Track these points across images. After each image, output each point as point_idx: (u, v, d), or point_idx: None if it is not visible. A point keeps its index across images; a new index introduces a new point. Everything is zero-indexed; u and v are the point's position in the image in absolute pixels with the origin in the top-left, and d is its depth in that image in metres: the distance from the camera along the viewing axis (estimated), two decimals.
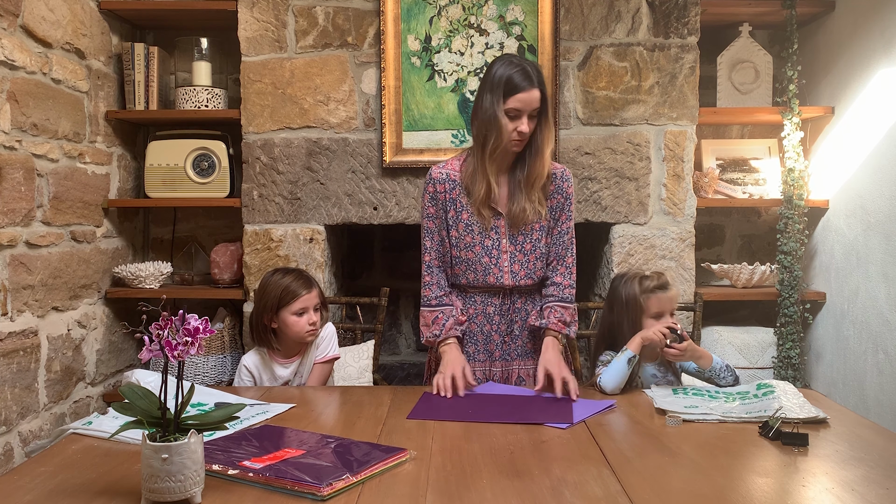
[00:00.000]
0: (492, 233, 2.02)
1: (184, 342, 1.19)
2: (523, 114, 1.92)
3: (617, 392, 1.91)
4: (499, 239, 2.02)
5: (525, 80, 1.91)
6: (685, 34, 2.75)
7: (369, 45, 2.75)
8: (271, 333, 2.17)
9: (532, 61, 2.02)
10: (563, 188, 2.07)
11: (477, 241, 2.02)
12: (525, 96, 1.91)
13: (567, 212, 2.08)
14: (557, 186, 2.06)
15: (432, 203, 2.06)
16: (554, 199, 2.06)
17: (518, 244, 2.02)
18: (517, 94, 1.91)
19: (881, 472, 1.35)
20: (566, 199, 2.07)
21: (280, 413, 1.73)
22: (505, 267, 2.02)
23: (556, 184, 2.06)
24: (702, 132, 3.06)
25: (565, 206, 2.07)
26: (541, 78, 1.95)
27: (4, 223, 2.17)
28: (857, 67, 2.67)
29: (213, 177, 2.86)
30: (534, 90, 1.92)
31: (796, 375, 2.78)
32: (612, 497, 1.22)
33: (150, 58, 2.86)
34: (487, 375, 2.08)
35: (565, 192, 2.07)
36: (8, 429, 2.18)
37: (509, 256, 2.02)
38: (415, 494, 1.24)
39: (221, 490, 1.25)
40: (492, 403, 1.82)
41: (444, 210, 2.05)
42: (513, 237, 2.02)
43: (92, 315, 2.69)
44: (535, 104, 1.93)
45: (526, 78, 1.92)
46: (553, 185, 2.06)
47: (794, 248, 2.81)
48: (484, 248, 2.02)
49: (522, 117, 1.92)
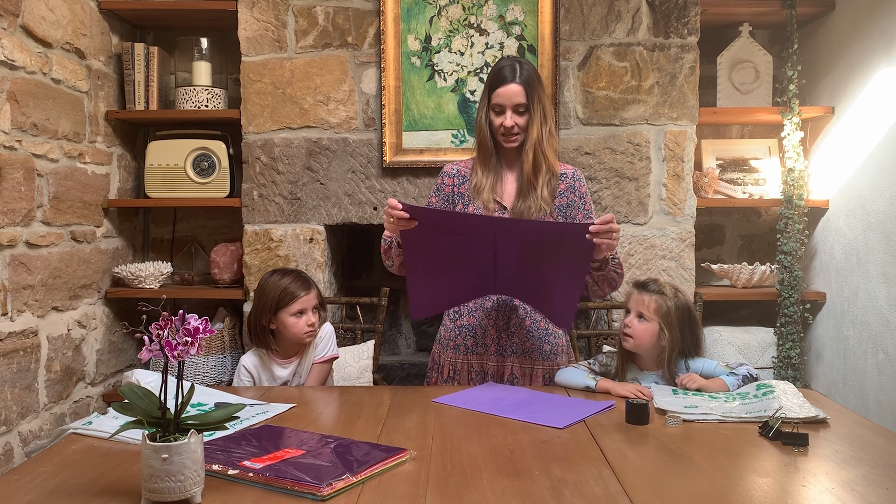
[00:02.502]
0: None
1: (184, 342, 1.19)
2: (506, 108, 1.98)
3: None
4: None
5: (507, 75, 1.97)
6: (685, 34, 2.75)
7: (369, 45, 2.75)
8: (269, 334, 2.17)
9: (527, 61, 2.04)
10: (576, 187, 2.07)
11: None
12: (504, 90, 1.96)
13: (583, 210, 2.08)
14: (568, 185, 2.07)
15: (435, 194, 2.15)
16: (564, 197, 2.06)
17: None
18: (498, 88, 1.98)
19: (881, 472, 1.35)
20: (580, 198, 2.07)
21: (280, 413, 1.73)
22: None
23: (568, 183, 2.07)
24: (702, 132, 3.06)
25: (580, 206, 2.07)
26: (528, 75, 1.98)
27: (4, 223, 2.17)
28: (857, 67, 2.67)
29: (213, 177, 2.86)
30: (513, 84, 1.96)
31: (796, 375, 2.78)
32: (612, 497, 1.22)
33: (150, 58, 2.86)
34: (483, 369, 2.10)
35: (578, 191, 2.07)
36: (8, 429, 2.18)
37: None
38: (415, 494, 1.24)
39: (221, 490, 1.25)
40: (511, 262, 1.86)
41: (452, 203, 2.11)
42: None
43: (92, 315, 2.69)
44: (518, 99, 1.96)
45: (509, 73, 1.97)
46: (563, 183, 2.06)
47: (794, 248, 2.81)
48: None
49: (506, 112, 1.98)
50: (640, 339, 1.93)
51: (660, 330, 1.92)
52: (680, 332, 1.94)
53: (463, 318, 2.12)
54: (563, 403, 1.81)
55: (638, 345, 1.94)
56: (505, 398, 1.85)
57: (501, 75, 1.98)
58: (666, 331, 1.92)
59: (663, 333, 1.92)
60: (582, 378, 1.95)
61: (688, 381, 1.88)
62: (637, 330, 1.93)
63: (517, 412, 1.72)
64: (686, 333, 1.95)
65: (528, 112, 1.99)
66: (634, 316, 1.95)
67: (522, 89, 1.96)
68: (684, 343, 1.95)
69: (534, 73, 2.01)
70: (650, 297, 1.94)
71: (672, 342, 1.92)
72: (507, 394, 1.90)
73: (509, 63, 1.99)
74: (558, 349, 2.13)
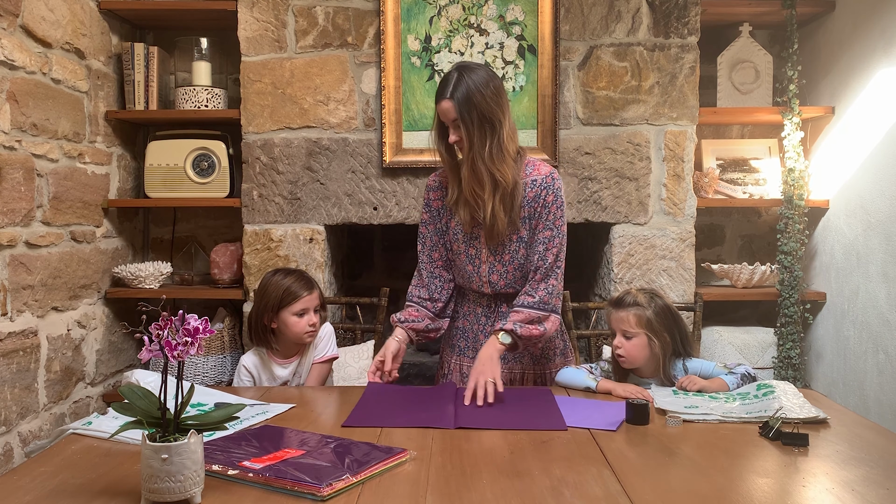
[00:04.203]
0: (475, 241, 2.01)
1: (184, 342, 1.19)
2: (447, 122, 1.91)
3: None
4: (480, 248, 2.01)
5: (440, 91, 1.89)
6: (685, 34, 2.74)
7: (369, 45, 2.75)
8: (270, 333, 2.17)
9: (475, 68, 1.90)
10: (542, 197, 1.96)
11: (462, 249, 2.03)
12: (439, 107, 1.90)
13: (545, 221, 1.97)
14: (535, 195, 1.97)
15: (426, 209, 2.10)
16: (530, 207, 1.97)
17: (497, 254, 2.00)
18: (436, 104, 1.91)
19: (881, 472, 1.35)
20: (544, 207, 1.96)
21: (280, 413, 1.73)
22: (484, 277, 2.02)
23: (535, 191, 1.97)
24: (702, 132, 3.06)
25: (542, 215, 1.97)
26: (464, 89, 1.85)
27: (4, 223, 2.17)
28: (857, 67, 2.67)
29: (213, 177, 2.86)
30: (444, 101, 1.88)
31: (796, 375, 2.78)
32: (612, 497, 1.22)
33: (150, 58, 2.86)
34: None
35: (543, 200, 1.96)
36: (8, 429, 2.18)
37: (488, 267, 2.01)
38: (415, 494, 1.23)
39: (221, 490, 1.25)
40: (473, 407, 1.76)
41: (440, 216, 2.07)
42: (492, 247, 2.00)
43: (92, 315, 2.69)
44: (451, 115, 1.88)
45: (443, 88, 1.89)
46: (532, 192, 1.97)
47: (794, 248, 2.81)
48: (468, 256, 2.03)
49: (449, 126, 1.91)
50: (633, 356, 1.95)
51: (648, 340, 1.94)
52: (668, 334, 1.96)
53: (459, 319, 2.12)
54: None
55: (633, 362, 1.96)
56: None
57: (438, 90, 1.90)
58: (654, 338, 1.94)
59: (653, 342, 1.94)
60: (582, 378, 1.95)
61: (688, 383, 1.88)
62: (627, 348, 1.95)
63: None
64: (674, 333, 1.97)
65: (463, 125, 1.88)
66: (621, 336, 1.97)
67: (453, 105, 1.86)
68: (675, 343, 1.97)
69: (474, 86, 1.86)
70: (627, 312, 1.96)
71: (663, 347, 1.95)
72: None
73: (448, 77, 1.89)
74: (550, 353, 2.11)
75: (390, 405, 1.79)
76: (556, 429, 1.60)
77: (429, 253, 2.09)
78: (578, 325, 2.70)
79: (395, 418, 1.68)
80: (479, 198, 1.94)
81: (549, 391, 1.91)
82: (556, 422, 1.64)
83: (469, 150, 1.89)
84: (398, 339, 2.00)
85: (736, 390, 1.87)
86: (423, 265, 2.10)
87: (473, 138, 1.88)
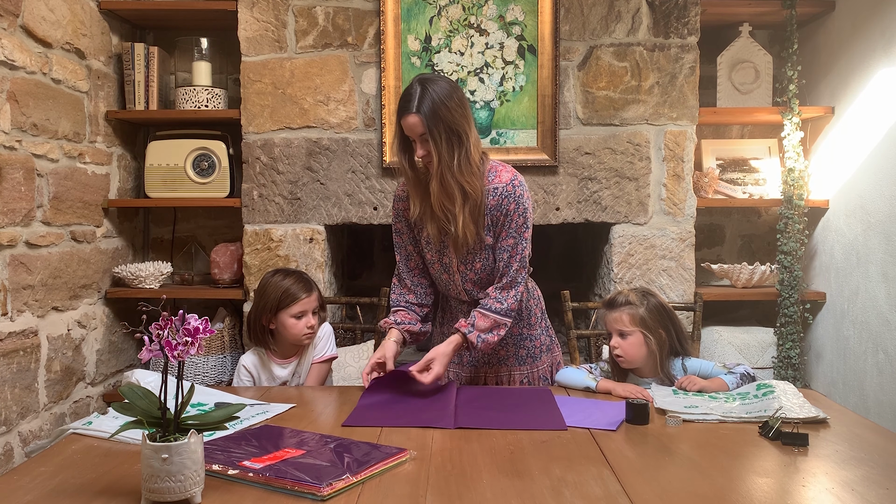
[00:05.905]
0: (447, 251, 1.99)
1: (184, 342, 1.19)
2: (413, 137, 1.87)
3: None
4: (451, 258, 2.00)
5: (405, 105, 1.85)
6: (685, 34, 2.75)
7: (369, 45, 2.75)
8: (269, 334, 2.17)
9: (437, 80, 1.87)
10: (503, 206, 1.92)
11: (435, 259, 2.02)
12: (404, 122, 1.85)
13: (508, 229, 1.93)
14: (497, 203, 1.92)
15: (398, 219, 2.06)
16: (492, 216, 1.93)
17: (468, 263, 1.98)
18: (399, 118, 1.87)
19: (881, 472, 1.35)
20: (506, 216, 1.92)
21: (280, 413, 1.73)
22: (459, 285, 2.02)
23: (497, 200, 1.92)
24: (702, 132, 3.06)
25: (505, 224, 1.93)
26: (430, 102, 1.81)
27: (4, 223, 2.17)
28: (857, 67, 2.67)
29: (213, 177, 2.86)
30: (410, 116, 1.83)
31: (796, 375, 2.78)
32: (612, 497, 1.22)
33: (150, 58, 2.86)
34: (458, 378, 2.10)
35: (505, 209, 1.92)
36: (8, 429, 2.18)
37: (461, 276, 2.01)
38: (415, 494, 1.23)
39: (221, 490, 1.25)
40: (472, 408, 1.78)
41: (412, 226, 2.04)
42: (462, 258, 1.98)
43: (92, 315, 2.69)
44: (418, 129, 1.83)
45: (407, 102, 1.85)
46: (493, 200, 1.92)
47: (794, 248, 2.81)
48: (442, 265, 2.02)
49: (416, 140, 1.87)
50: (630, 355, 1.95)
51: (644, 337, 1.94)
52: (664, 330, 1.96)
53: (445, 325, 2.12)
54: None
55: (632, 361, 1.96)
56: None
57: (401, 105, 1.86)
58: (650, 335, 1.94)
59: (649, 339, 1.94)
60: (582, 378, 1.96)
61: (687, 383, 1.88)
62: (624, 348, 1.95)
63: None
64: (669, 328, 1.97)
65: (429, 140, 1.84)
66: (616, 336, 1.97)
67: (420, 119, 1.82)
68: (671, 339, 1.97)
69: (438, 98, 1.82)
70: (620, 312, 1.97)
71: (659, 343, 1.95)
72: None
73: (411, 90, 1.84)
74: (536, 351, 2.10)
75: (390, 405, 1.79)
76: (556, 429, 1.60)
77: (405, 262, 2.08)
78: (578, 325, 2.70)
79: (395, 418, 1.68)
80: (450, 212, 1.90)
81: (549, 391, 1.92)
82: (556, 422, 1.64)
83: (438, 164, 1.85)
84: (395, 340, 2.00)
85: (736, 390, 1.87)
86: (405, 273, 2.08)
87: (442, 152, 1.83)
